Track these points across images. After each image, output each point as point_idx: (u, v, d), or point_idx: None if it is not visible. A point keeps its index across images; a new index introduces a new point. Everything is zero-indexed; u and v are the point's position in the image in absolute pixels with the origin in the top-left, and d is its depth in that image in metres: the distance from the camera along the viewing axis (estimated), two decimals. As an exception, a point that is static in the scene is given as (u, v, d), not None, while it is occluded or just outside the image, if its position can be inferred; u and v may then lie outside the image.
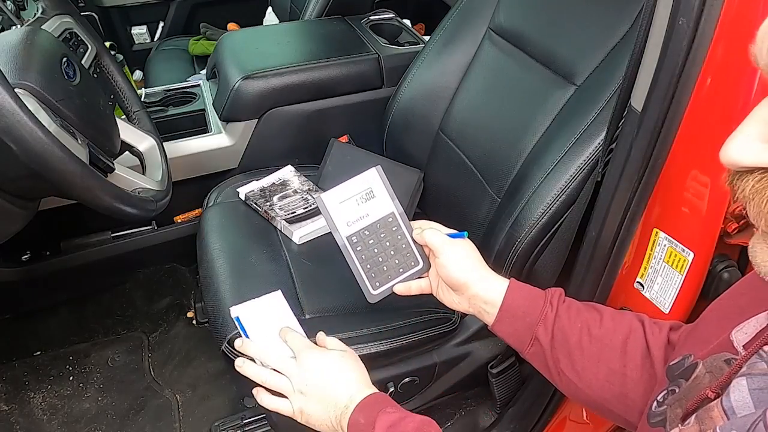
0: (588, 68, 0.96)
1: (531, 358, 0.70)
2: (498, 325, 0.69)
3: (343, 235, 0.69)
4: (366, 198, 0.70)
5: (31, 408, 1.34)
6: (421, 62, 1.28)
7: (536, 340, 0.67)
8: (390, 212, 0.71)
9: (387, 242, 0.71)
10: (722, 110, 0.60)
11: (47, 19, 1.05)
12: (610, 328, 0.65)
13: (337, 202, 0.69)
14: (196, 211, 1.50)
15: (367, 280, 0.71)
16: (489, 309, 0.69)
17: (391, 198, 0.71)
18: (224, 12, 2.31)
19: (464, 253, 0.70)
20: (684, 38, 0.59)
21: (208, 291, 1.08)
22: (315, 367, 0.68)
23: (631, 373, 0.62)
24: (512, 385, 1.14)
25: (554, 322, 0.66)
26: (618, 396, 0.63)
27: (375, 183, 0.70)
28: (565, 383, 0.67)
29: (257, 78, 1.34)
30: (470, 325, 1.08)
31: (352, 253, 0.70)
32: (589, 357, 0.64)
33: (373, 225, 0.70)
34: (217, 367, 1.42)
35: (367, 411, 0.63)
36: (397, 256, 0.72)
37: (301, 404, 0.68)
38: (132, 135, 1.11)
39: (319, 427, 0.68)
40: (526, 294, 0.69)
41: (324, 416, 0.66)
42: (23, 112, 0.70)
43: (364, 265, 0.71)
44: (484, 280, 0.69)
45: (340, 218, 0.69)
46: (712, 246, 0.66)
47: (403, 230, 0.72)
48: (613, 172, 0.73)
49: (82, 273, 1.46)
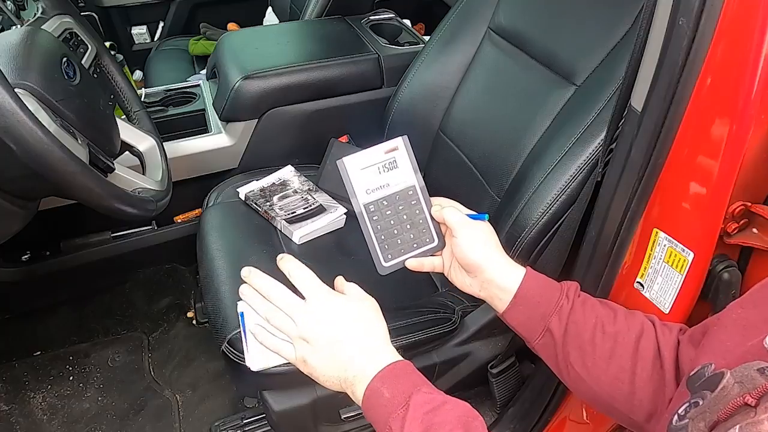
0: (588, 68, 0.96)
1: (539, 349, 0.68)
2: (510, 312, 0.68)
3: (360, 202, 0.68)
4: (389, 168, 0.68)
5: (31, 408, 1.34)
6: (421, 62, 1.28)
7: (548, 331, 0.66)
8: (411, 185, 0.70)
9: (404, 215, 0.70)
10: (722, 110, 0.60)
11: (47, 19, 1.05)
12: (623, 326, 0.65)
13: (358, 168, 0.67)
14: (196, 211, 1.50)
15: (379, 251, 0.70)
16: (502, 295, 0.68)
17: (414, 171, 0.69)
18: (224, 12, 2.31)
19: (483, 236, 0.68)
20: (684, 38, 0.59)
21: (208, 291, 1.08)
22: (325, 314, 0.60)
23: (640, 373, 0.62)
24: (512, 385, 1.14)
25: (569, 315, 0.65)
26: (626, 395, 0.62)
27: (400, 153, 0.68)
28: (573, 377, 0.66)
29: (257, 78, 1.34)
30: (470, 325, 1.08)
31: (367, 222, 0.68)
32: (601, 353, 0.64)
33: (392, 196, 0.69)
34: (217, 367, 1.42)
35: (393, 383, 0.56)
36: (413, 231, 0.70)
37: (305, 353, 0.59)
38: (132, 135, 1.11)
39: (324, 383, 0.60)
40: (543, 283, 0.68)
41: (331, 373, 0.59)
42: (23, 112, 0.70)
43: (379, 236, 0.69)
44: (501, 264, 0.68)
45: (360, 185, 0.67)
46: (712, 246, 0.66)
47: (422, 205, 0.70)
48: (613, 172, 0.73)
49: (82, 273, 1.46)
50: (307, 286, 0.61)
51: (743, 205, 0.63)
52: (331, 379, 0.59)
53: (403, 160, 0.69)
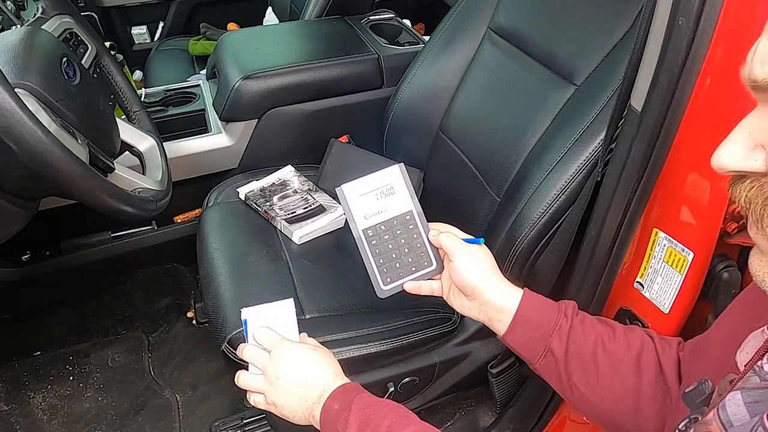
0: (588, 68, 0.96)
1: (542, 371, 0.68)
2: (510, 334, 0.68)
3: (359, 227, 0.70)
4: (386, 194, 0.70)
5: (31, 408, 1.34)
6: (421, 62, 1.28)
7: (550, 351, 0.66)
8: (408, 210, 0.71)
9: (402, 239, 0.71)
10: (722, 110, 0.60)
11: (47, 19, 1.05)
12: (623, 342, 0.65)
13: (357, 194, 0.69)
14: (196, 211, 1.50)
15: (378, 275, 0.71)
16: (501, 317, 0.68)
17: (411, 197, 0.71)
18: (224, 12, 2.31)
19: (479, 259, 0.69)
20: (684, 38, 0.59)
21: (208, 291, 1.08)
22: (285, 359, 0.68)
23: (645, 389, 0.62)
24: (512, 385, 1.14)
25: (569, 334, 0.65)
26: (632, 412, 0.62)
27: (396, 180, 0.70)
28: (577, 397, 0.66)
29: (257, 78, 1.34)
30: (470, 325, 1.08)
31: (366, 246, 0.70)
32: (604, 371, 0.64)
33: (390, 221, 0.71)
34: (217, 367, 1.42)
35: (341, 397, 0.64)
36: (411, 255, 0.72)
37: (273, 397, 0.68)
38: (132, 135, 1.11)
39: (293, 418, 0.68)
40: (541, 304, 0.68)
41: (296, 407, 0.66)
42: (23, 112, 0.70)
43: (377, 260, 0.71)
44: (498, 287, 0.68)
45: (359, 210, 0.69)
46: (712, 246, 0.66)
47: (419, 230, 0.72)
48: (613, 172, 0.73)
49: (82, 273, 1.46)
50: (268, 341, 0.71)
51: (743, 205, 0.63)
52: (296, 413, 0.67)
53: (399, 186, 0.71)
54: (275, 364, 0.68)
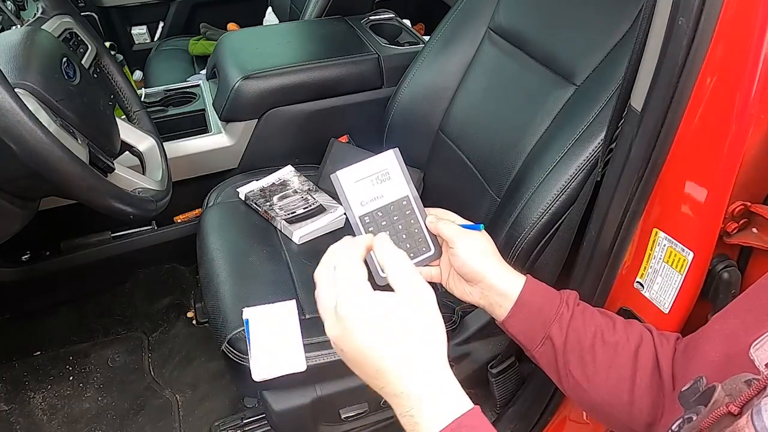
0: (588, 68, 0.96)
1: (539, 357, 0.68)
2: (510, 319, 0.68)
3: (356, 214, 0.69)
4: (381, 179, 0.69)
5: (31, 408, 1.34)
6: (421, 62, 1.28)
7: (549, 339, 0.66)
8: (404, 195, 0.70)
9: (399, 225, 0.70)
10: (722, 110, 0.60)
11: (47, 19, 1.05)
12: (623, 335, 0.65)
13: (352, 180, 0.68)
14: (196, 211, 1.50)
15: (376, 263, 0.70)
16: (502, 302, 0.68)
17: (406, 181, 0.70)
18: (224, 12, 2.31)
19: (481, 245, 0.69)
20: (684, 38, 0.59)
21: (208, 291, 1.08)
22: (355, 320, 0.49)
23: (640, 382, 0.62)
24: (512, 385, 1.14)
25: (569, 323, 0.65)
26: (625, 404, 0.62)
27: (391, 165, 0.70)
28: (572, 386, 0.66)
29: (257, 78, 1.34)
30: (470, 325, 1.08)
31: (363, 233, 0.69)
32: (601, 362, 0.64)
33: (387, 207, 0.70)
34: (217, 367, 1.42)
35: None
36: (409, 240, 0.71)
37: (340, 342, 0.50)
38: (132, 135, 1.11)
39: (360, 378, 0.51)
40: (543, 291, 0.68)
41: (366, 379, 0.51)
42: (23, 112, 0.70)
43: None
44: (501, 272, 0.68)
45: (354, 197, 0.69)
46: (711, 246, 0.66)
47: (416, 215, 0.71)
48: (613, 172, 0.73)
49: (82, 273, 1.46)
50: (391, 270, 0.53)
51: (743, 205, 0.63)
52: (367, 381, 0.51)
53: (395, 171, 0.70)
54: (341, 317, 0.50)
